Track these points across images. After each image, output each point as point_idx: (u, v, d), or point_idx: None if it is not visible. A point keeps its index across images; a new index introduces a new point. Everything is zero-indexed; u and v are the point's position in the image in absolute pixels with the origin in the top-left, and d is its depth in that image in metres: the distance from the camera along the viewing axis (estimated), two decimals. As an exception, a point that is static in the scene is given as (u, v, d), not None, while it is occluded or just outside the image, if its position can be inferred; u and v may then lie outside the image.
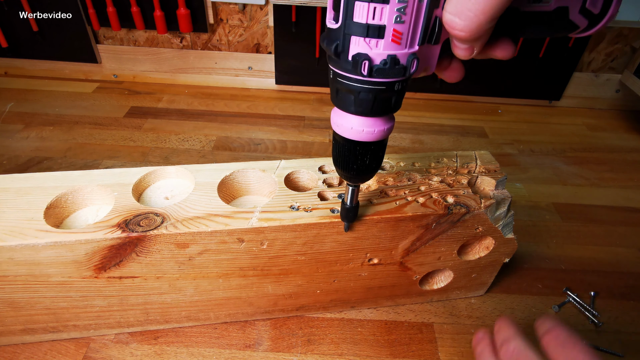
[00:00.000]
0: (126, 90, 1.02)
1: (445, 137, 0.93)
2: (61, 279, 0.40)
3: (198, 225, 0.39)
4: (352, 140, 0.31)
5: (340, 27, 0.25)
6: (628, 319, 0.54)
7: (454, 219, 0.43)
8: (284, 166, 0.48)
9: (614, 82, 1.05)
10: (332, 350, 0.49)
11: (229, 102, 1.00)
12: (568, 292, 0.57)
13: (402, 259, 0.47)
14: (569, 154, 0.89)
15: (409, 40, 0.25)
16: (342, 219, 0.40)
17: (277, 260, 0.44)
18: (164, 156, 0.80)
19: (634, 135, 0.99)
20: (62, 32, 0.98)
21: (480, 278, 0.53)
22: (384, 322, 0.52)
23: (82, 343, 0.48)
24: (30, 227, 0.38)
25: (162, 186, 0.48)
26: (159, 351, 0.47)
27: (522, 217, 0.70)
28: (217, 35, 1.00)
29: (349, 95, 0.28)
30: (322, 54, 1.00)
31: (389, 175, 0.47)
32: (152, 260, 0.41)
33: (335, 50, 0.26)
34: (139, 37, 1.01)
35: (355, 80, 0.27)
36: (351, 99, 0.28)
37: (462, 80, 0.31)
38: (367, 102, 0.28)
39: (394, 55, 0.26)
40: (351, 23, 0.25)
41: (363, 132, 0.30)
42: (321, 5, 0.87)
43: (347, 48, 0.26)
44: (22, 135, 0.83)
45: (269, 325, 0.51)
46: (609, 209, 0.74)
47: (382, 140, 0.32)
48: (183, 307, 0.47)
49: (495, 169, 0.49)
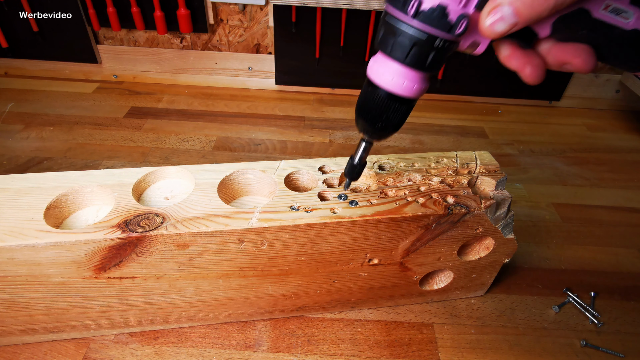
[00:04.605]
0: (126, 91, 1.02)
1: (445, 137, 0.93)
2: (61, 280, 0.40)
3: (198, 226, 0.39)
4: (380, 86, 0.30)
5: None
6: (628, 319, 0.54)
7: (454, 220, 0.43)
8: (284, 166, 0.48)
9: (614, 83, 1.05)
10: (332, 351, 0.49)
11: (229, 102, 1.00)
12: (568, 293, 0.57)
13: (402, 259, 0.47)
14: (569, 154, 0.89)
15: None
16: (346, 175, 0.40)
17: (277, 260, 0.44)
18: (164, 156, 0.80)
19: (634, 135, 0.99)
20: (62, 32, 0.98)
21: (480, 278, 0.53)
22: (384, 322, 0.52)
23: (82, 343, 0.48)
24: (30, 228, 0.38)
25: (162, 186, 0.48)
26: (159, 351, 0.47)
27: (522, 217, 0.70)
28: (217, 36, 1.00)
29: (390, 37, 0.28)
30: (322, 54, 1.00)
31: (389, 175, 0.47)
32: (152, 261, 0.41)
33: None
34: (139, 37, 1.01)
35: (399, 21, 0.27)
36: (391, 40, 0.28)
37: (462, 80, 0.31)
38: (404, 47, 0.28)
39: (445, 7, 0.25)
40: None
41: (392, 81, 0.29)
42: (321, 6, 0.87)
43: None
44: (22, 136, 0.83)
45: (269, 325, 0.51)
46: (609, 209, 0.74)
47: (407, 98, 0.31)
48: (183, 308, 0.47)
49: (496, 170, 0.49)
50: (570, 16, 0.24)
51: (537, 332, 0.52)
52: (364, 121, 0.33)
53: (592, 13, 0.24)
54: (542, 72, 0.27)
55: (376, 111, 0.32)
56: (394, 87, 0.30)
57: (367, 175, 0.48)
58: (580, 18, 0.24)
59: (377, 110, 0.32)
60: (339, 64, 1.02)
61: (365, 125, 0.34)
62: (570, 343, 0.51)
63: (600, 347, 0.50)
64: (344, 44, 0.98)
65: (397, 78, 0.29)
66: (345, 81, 1.05)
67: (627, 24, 0.24)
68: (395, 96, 0.31)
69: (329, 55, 1.01)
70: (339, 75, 1.04)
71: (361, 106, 0.33)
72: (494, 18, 0.24)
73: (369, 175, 0.48)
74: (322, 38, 0.97)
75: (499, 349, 0.50)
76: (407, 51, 0.28)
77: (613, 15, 0.24)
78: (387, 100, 0.31)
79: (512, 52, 0.27)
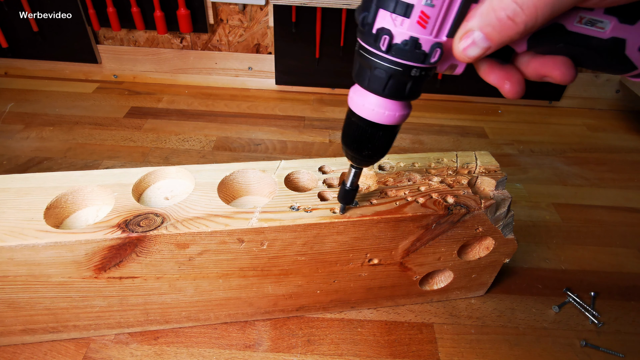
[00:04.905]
0: (126, 91, 1.02)
1: (445, 137, 0.93)
2: (61, 280, 0.40)
3: (198, 226, 0.39)
4: (362, 117, 0.31)
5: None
6: (628, 319, 0.54)
7: (454, 220, 0.43)
8: (284, 166, 0.48)
9: (614, 83, 1.05)
10: (332, 351, 0.49)
11: (229, 102, 1.00)
12: (568, 293, 0.57)
13: (402, 259, 0.47)
14: (569, 154, 0.89)
15: (437, 27, 0.25)
16: (340, 200, 0.40)
17: (277, 260, 0.44)
18: (164, 156, 0.80)
19: (634, 135, 0.99)
20: (62, 32, 0.98)
21: (480, 278, 0.53)
22: (384, 322, 0.52)
23: (82, 343, 0.48)
24: (30, 228, 0.38)
25: (162, 186, 0.48)
26: (159, 351, 0.47)
27: (522, 217, 0.70)
28: (217, 36, 1.00)
29: (366, 70, 0.28)
30: (322, 54, 1.00)
31: (389, 175, 0.47)
32: (152, 261, 0.41)
33: (363, 21, 0.26)
34: (139, 37, 1.01)
35: (373, 54, 0.27)
36: (367, 73, 0.28)
37: (462, 80, 0.31)
38: (381, 80, 0.28)
39: (417, 39, 0.25)
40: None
41: (373, 112, 0.30)
42: (321, 6, 0.87)
43: (373, 20, 0.26)
44: (22, 136, 0.83)
45: (269, 325, 0.51)
46: (609, 209, 0.74)
47: (392, 125, 0.31)
48: (183, 308, 0.47)
49: (496, 170, 0.49)
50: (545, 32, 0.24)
51: (537, 332, 0.52)
52: (351, 150, 0.34)
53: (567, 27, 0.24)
54: (521, 87, 0.27)
55: (362, 141, 0.32)
56: (376, 118, 0.30)
57: (367, 175, 0.48)
58: (555, 33, 0.24)
59: (363, 140, 0.32)
60: (339, 64, 1.02)
61: (352, 154, 0.34)
62: (570, 343, 0.51)
63: (600, 347, 0.50)
64: (344, 44, 0.98)
65: (378, 109, 0.30)
66: (345, 81, 1.05)
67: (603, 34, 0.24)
68: (379, 125, 0.31)
69: (329, 55, 1.01)
70: (339, 75, 1.04)
71: (346, 136, 0.33)
72: (467, 43, 0.24)
73: (369, 175, 0.48)
74: (322, 38, 0.97)
75: (499, 349, 0.50)
76: (385, 83, 0.28)
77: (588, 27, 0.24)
78: (371, 130, 0.31)
79: (491, 68, 0.28)
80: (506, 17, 0.22)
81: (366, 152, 0.33)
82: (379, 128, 0.31)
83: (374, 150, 0.33)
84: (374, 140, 0.32)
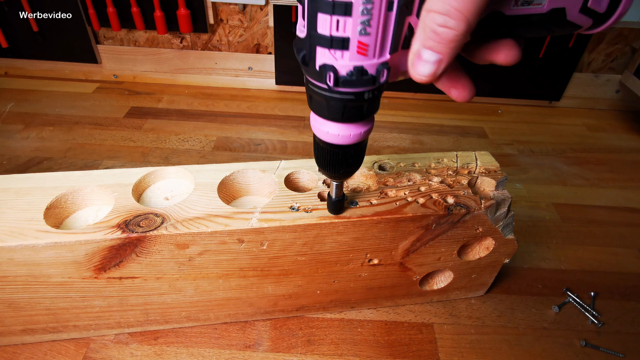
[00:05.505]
0: (126, 91, 1.02)
1: (445, 137, 0.93)
2: (61, 280, 0.40)
3: (198, 226, 0.39)
4: (329, 143, 0.31)
5: (306, 37, 0.25)
6: (628, 319, 0.54)
7: (454, 220, 0.43)
8: (284, 166, 0.48)
9: (614, 83, 1.05)
10: (332, 351, 0.49)
11: (229, 102, 1.00)
12: (568, 293, 0.57)
13: (402, 259, 0.47)
14: (569, 155, 0.89)
15: (378, 50, 0.25)
16: (330, 212, 0.41)
17: (277, 260, 0.44)
18: (164, 156, 0.80)
19: (634, 135, 0.99)
20: (62, 32, 0.98)
21: (480, 278, 0.53)
22: (384, 322, 0.52)
23: (82, 343, 0.48)
24: (30, 228, 0.38)
25: (162, 187, 0.48)
26: (159, 351, 0.47)
27: (522, 217, 0.70)
28: (217, 36, 1.00)
29: (321, 102, 0.28)
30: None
31: (389, 175, 0.47)
32: (152, 261, 0.41)
33: (304, 59, 0.26)
34: (139, 37, 1.01)
35: (323, 89, 0.27)
36: (323, 104, 0.28)
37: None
38: (338, 110, 0.28)
39: (361, 67, 0.25)
40: (315, 34, 0.24)
41: (339, 137, 0.30)
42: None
43: (313, 58, 0.25)
44: (22, 136, 0.83)
45: (269, 325, 0.51)
46: (609, 209, 0.74)
47: (359, 142, 0.32)
48: (183, 308, 0.47)
49: (496, 170, 0.49)
50: (484, 22, 0.24)
51: (537, 332, 0.52)
52: (328, 172, 0.35)
53: (505, 12, 0.24)
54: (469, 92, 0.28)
55: (335, 162, 0.33)
56: (343, 141, 0.31)
57: (367, 175, 0.48)
58: (495, 20, 0.24)
59: (336, 161, 0.33)
60: (339, 64, 1.02)
61: (329, 174, 0.35)
62: (570, 343, 0.51)
63: (600, 347, 0.50)
64: (344, 44, 0.98)
65: (343, 133, 0.30)
66: (345, 81, 1.05)
67: (541, 9, 0.24)
68: (348, 146, 0.31)
69: (329, 55, 1.00)
70: (339, 75, 1.04)
71: (320, 160, 0.34)
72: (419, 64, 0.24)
73: (369, 176, 0.48)
74: (322, 38, 0.97)
75: (499, 349, 0.50)
76: (342, 112, 0.28)
77: (526, 7, 0.24)
78: (342, 152, 0.32)
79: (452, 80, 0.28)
80: (439, 26, 0.22)
81: (342, 170, 0.34)
82: (349, 148, 0.32)
83: (349, 166, 0.34)
84: (347, 159, 0.33)
